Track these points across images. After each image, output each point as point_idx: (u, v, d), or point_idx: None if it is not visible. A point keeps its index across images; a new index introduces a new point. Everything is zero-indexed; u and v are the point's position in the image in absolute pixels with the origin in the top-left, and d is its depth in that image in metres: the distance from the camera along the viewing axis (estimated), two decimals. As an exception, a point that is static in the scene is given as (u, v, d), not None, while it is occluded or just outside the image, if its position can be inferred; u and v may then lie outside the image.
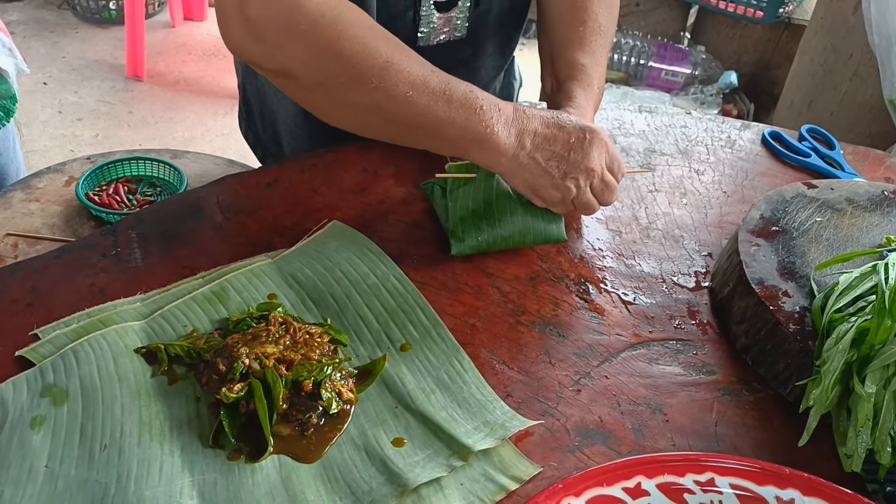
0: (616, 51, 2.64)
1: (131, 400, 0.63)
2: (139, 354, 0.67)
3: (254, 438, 0.61)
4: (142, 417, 0.62)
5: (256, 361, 0.64)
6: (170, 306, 0.72)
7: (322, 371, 0.64)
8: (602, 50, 0.94)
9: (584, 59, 0.91)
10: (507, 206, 0.82)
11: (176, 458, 0.60)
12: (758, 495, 0.57)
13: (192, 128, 2.79)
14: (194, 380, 0.66)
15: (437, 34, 0.96)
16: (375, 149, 0.97)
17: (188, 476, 0.59)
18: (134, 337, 0.69)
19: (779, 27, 2.53)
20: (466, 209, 0.81)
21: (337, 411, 0.63)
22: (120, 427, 0.61)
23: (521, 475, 0.60)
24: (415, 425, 0.63)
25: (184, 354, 0.67)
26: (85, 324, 0.69)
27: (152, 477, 0.58)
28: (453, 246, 0.80)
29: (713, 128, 1.10)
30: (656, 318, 0.78)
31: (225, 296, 0.74)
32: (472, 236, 0.80)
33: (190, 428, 0.62)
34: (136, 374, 0.65)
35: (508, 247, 0.82)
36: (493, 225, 0.81)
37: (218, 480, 0.58)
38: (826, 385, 0.63)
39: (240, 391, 0.62)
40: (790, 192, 0.87)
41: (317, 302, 0.74)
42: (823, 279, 0.75)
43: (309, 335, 0.68)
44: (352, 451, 0.61)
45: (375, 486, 0.58)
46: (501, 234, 0.81)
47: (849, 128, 1.98)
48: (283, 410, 0.62)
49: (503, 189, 0.83)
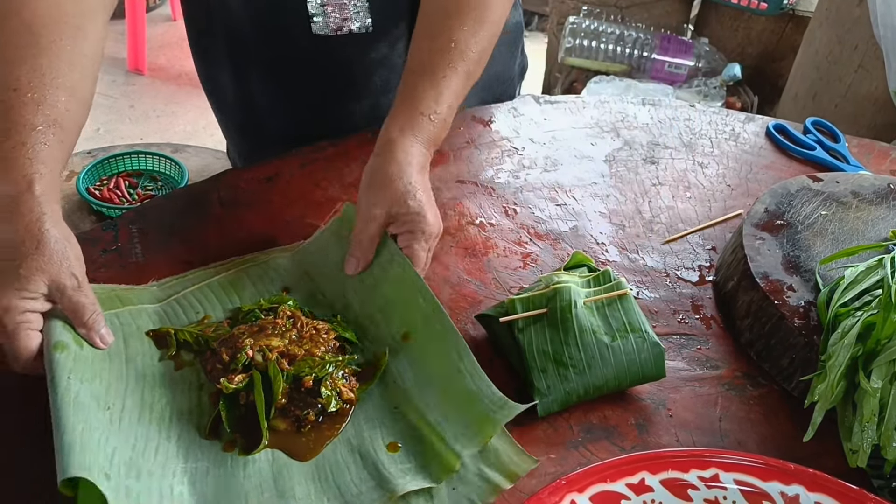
0: (619, 43, 2.63)
1: (136, 381, 0.63)
2: (149, 337, 0.67)
3: (250, 431, 0.61)
4: (144, 398, 0.62)
5: (260, 354, 0.63)
6: (184, 292, 0.72)
7: (324, 368, 0.64)
8: (449, 70, 0.76)
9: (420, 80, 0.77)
10: (593, 345, 0.67)
11: (172, 444, 0.60)
12: (762, 491, 0.57)
13: (194, 122, 2.78)
14: (200, 367, 0.66)
15: (333, 21, 0.91)
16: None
17: (182, 462, 0.59)
18: (147, 319, 0.69)
19: (783, 19, 2.52)
20: (545, 354, 0.67)
21: (336, 410, 0.63)
22: (122, 403, 0.61)
23: (518, 471, 0.59)
24: (409, 430, 0.62)
25: (192, 341, 0.67)
26: (104, 296, 0.68)
27: (147, 454, 0.58)
28: (540, 406, 0.65)
29: (717, 121, 1.10)
30: (660, 313, 0.77)
31: (240, 285, 0.74)
32: (558, 388, 0.66)
33: (189, 416, 0.62)
34: (145, 357, 0.66)
35: (602, 394, 0.68)
36: (582, 372, 0.66)
37: (210, 470, 0.58)
38: (831, 380, 0.62)
39: (240, 382, 0.62)
40: (795, 186, 0.86)
41: (327, 296, 0.74)
42: (829, 273, 0.74)
43: (315, 331, 0.67)
44: (346, 452, 0.61)
45: (365, 490, 0.58)
46: (594, 384, 0.66)
47: (854, 120, 1.97)
48: (282, 405, 0.62)
49: (584, 324, 0.68)
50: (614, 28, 2.63)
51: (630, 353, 0.67)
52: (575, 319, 0.68)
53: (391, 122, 0.75)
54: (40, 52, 0.65)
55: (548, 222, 0.88)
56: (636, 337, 0.68)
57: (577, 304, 0.69)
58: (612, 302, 0.70)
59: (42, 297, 0.61)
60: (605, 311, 0.70)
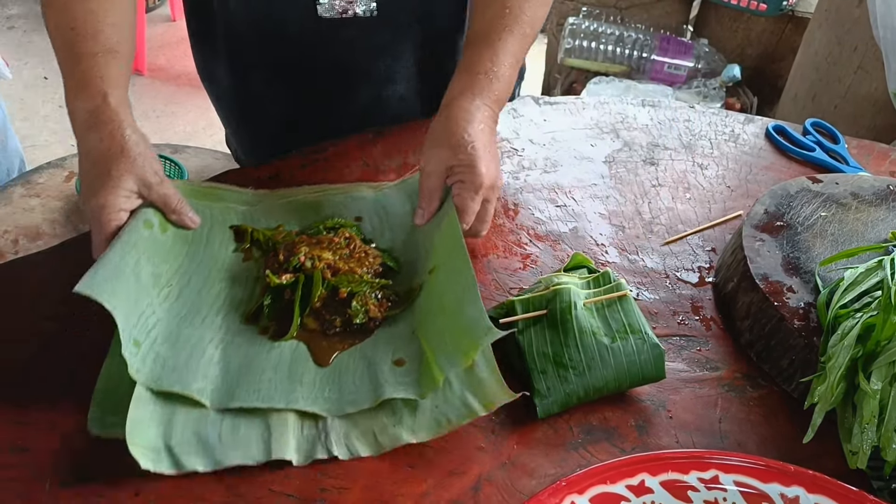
0: (619, 44, 2.63)
1: (208, 262, 0.75)
2: (231, 230, 0.80)
3: (284, 322, 0.70)
4: (208, 278, 0.74)
5: (310, 261, 0.72)
6: (271, 202, 0.83)
7: (360, 285, 0.71)
8: (505, 33, 0.80)
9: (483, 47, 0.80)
10: (593, 347, 0.67)
11: (218, 318, 0.71)
12: (762, 492, 0.57)
13: (194, 122, 2.78)
14: (263, 264, 0.75)
15: (338, 4, 0.93)
16: (377, 143, 0.97)
17: (221, 333, 0.69)
18: (233, 216, 0.81)
19: (782, 20, 2.52)
20: (545, 356, 0.67)
21: (361, 323, 0.70)
22: (188, 279, 0.73)
23: (496, 402, 0.62)
24: (417, 351, 0.67)
25: (263, 241, 0.78)
26: (206, 191, 0.82)
27: (195, 323, 0.69)
28: (539, 407, 0.65)
29: (717, 122, 1.10)
30: (660, 314, 0.77)
31: (319, 206, 0.83)
32: (558, 390, 0.66)
33: (240, 301, 0.73)
34: (221, 245, 0.78)
35: (602, 395, 0.68)
36: (582, 374, 0.66)
37: (242, 345, 0.68)
38: (831, 381, 0.62)
39: (287, 280, 0.71)
40: (794, 187, 0.87)
41: (392, 230, 0.81)
42: (828, 274, 0.74)
43: (365, 254, 0.75)
44: (358, 359, 0.68)
45: (360, 391, 0.65)
46: (594, 385, 0.66)
47: (853, 121, 1.97)
48: (317, 307, 0.70)
49: (584, 326, 0.69)
50: (614, 29, 2.63)
51: (630, 355, 0.67)
52: (575, 321, 0.68)
53: (452, 84, 0.80)
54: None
55: (547, 223, 0.88)
56: (636, 338, 0.68)
57: (577, 305, 0.69)
58: (612, 303, 0.71)
59: (133, 194, 0.70)
60: (605, 313, 0.70)
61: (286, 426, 0.62)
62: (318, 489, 0.59)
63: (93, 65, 0.72)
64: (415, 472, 0.61)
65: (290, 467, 0.60)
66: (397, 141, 0.97)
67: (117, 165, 0.68)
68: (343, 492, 0.59)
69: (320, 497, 0.58)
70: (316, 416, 0.63)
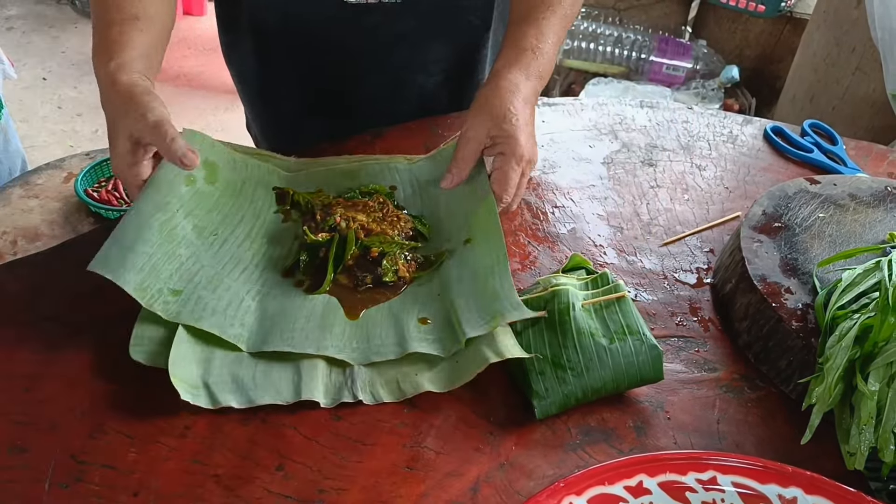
0: (617, 45, 2.63)
1: (251, 218, 0.81)
2: (274, 191, 0.84)
3: (318, 277, 0.75)
4: (250, 233, 0.79)
5: (345, 221, 0.77)
6: (312, 169, 0.88)
7: (391, 246, 0.76)
8: (549, 12, 0.85)
9: (526, 28, 0.84)
10: (591, 348, 0.67)
11: (257, 271, 0.76)
12: (760, 493, 0.57)
13: (192, 123, 2.78)
14: (301, 225, 0.80)
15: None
16: (377, 143, 0.97)
17: (259, 285, 0.74)
18: (277, 178, 0.86)
19: (781, 21, 2.52)
20: (543, 357, 0.68)
21: (390, 282, 0.75)
22: (231, 230, 0.78)
23: (505, 353, 0.65)
24: (442, 312, 0.71)
25: (303, 203, 0.83)
26: (252, 151, 0.87)
27: (235, 273, 0.74)
28: (537, 408, 0.65)
29: (715, 123, 1.10)
30: (658, 315, 0.77)
31: (357, 174, 0.88)
32: (556, 391, 0.66)
33: (279, 257, 0.78)
34: (264, 204, 0.83)
35: (600, 396, 0.68)
36: (580, 375, 0.66)
37: (277, 296, 0.73)
38: (829, 382, 0.62)
39: (323, 238, 0.76)
40: (792, 188, 0.87)
41: (423, 200, 0.85)
42: (826, 276, 0.74)
43: (397, 218, 0.79)
44: (385, 314, 0.73)
45: (386, 343, 0.69)
46: (592, 386, 0.66)
47: (851, 122, 1.98)
48: (349, 265, 0.75)
49: (582, 327, 0.69)
50: (612, 30, 2.63)
51: (628, 356, 0.67)
52: (573, 322, 0.68)
53: (498, 59, 0.82)
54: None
55: (546, 224, 0.88)
56: (634, 339, 0.68)
57: (576, 306, 0.69)
58: (611, 304, 0.71)
59: (137, 149, 0.72)
60: (604, 314, 0.70)
61: (316, 371, 0.67)
62: (316, 490, 0.59)
63: (109, 33, 0.76)
64: (413, 473, 0.61)
65: (289, 467, 0.60)
66: (395, 142, 0.97)
67: (115, 126, 0.72)
68: (341, 493, 0.59)
69: (318, 498, 0.59)
70: (343, 364, 0.68)
